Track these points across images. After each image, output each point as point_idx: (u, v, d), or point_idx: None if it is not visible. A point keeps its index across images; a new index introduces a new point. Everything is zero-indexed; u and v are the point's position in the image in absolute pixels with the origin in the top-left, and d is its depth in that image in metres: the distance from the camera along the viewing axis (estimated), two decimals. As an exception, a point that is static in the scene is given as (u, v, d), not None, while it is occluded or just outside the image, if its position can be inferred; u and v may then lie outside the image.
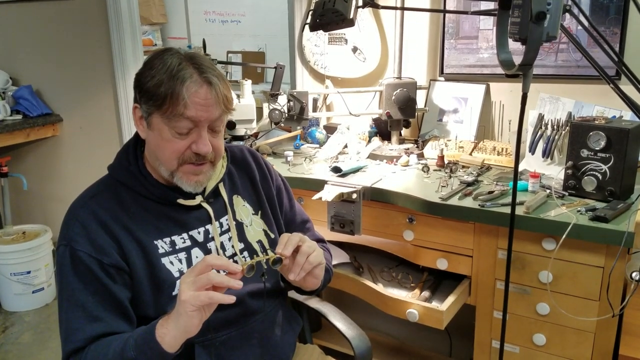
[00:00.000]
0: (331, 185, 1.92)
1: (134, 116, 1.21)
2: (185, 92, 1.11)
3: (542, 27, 1.16)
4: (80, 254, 1.14)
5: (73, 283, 1.14)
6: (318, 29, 1.90)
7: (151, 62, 1.17)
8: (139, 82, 1.17)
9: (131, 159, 1.24)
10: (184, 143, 1.16)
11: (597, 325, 1.59)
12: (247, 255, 1.32)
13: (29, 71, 3.19)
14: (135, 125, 1.22)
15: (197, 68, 1.14)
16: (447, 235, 1.80)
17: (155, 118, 1.15)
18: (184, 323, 1.05)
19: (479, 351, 1.83)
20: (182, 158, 1.18)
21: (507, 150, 2.06)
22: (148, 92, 1.14)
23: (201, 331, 1.20)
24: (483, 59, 2.25)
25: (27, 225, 3.23)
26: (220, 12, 4.68)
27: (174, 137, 1.15)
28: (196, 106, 1.13)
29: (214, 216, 1.29)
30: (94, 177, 1.29)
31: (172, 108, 1.12)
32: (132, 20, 2.81)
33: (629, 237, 1.45)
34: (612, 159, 1.63)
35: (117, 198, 1.22)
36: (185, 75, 1.12)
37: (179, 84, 1.11)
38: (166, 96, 1.12)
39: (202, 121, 1.15)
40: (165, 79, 1.12)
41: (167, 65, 1.13)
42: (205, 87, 1.13)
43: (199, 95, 1.13)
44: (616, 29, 1.98)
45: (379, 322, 2.55)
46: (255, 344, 1.30)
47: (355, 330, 1.51)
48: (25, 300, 3.06)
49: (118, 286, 1.16)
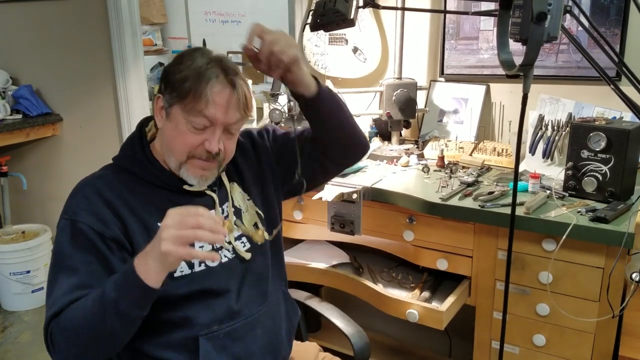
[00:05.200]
0: (331, 185, 1.92)
1: (155, 105, 1.23)
2: (209, 90, 1.15)
3: (543, 28, 1.16)
4: (81, 226, 1.14)
5: (69, 251, 1.13)
6: (318, 29, 1.90)
7: (181, 57, 1.21)
8: (166, 74, 1.21)
9: (137, 148, 1.27)
10: (197, 138, 1.19)
11: (597, 326, 1.59)
12: (246, 240, 1.33)
13: (29, 71, 3.18)
14: (154, 114, 1.25)
15: (223, 69, 1.17)
16: (447, 235, 1.80)
17: (175, 109, 1.18)
18: (168, 266, 1.03)
19: (479, 352, 1.83)
20: (192, 152, 1.20)
21: (507, 151, 2.05)
22: (173, 84, 1.17)
23: (205, 324, 1.22)
24: (483, 60, 2.25)
25: (26, 225, 3.22)
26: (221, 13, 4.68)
27: (189, 131, 1.18)
28: (216, 106, 1.16)
29: (217, 201, 1.30)
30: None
31: (194, 103, 1.15)
32: (133, 20, 2.81)
33: (629, 237, 1.45)
34: (612, 160, 1.63)
35: (122, 182, 1.24)
36: (211, 74, 1.15)
37: (204, 81, 1.15)
38: (189, 90, 1.15)
39: (218, 122, 1.17)
40: (192, 75, 1.15)
41: (196, 62, 1.16)
42: (229, 89, 1.17)
43: (221, 96, 1.16)
44: (617, 30, 1.98)
45: (379, 323, 2.55)
46: (259, 334, 1.30)
47: (354, 327, 1.51)
48: (25, 300, 3.06)
49: (116, 259, 1.15)
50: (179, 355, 1.21)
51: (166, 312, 1.20)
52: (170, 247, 0.98)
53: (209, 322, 1.23)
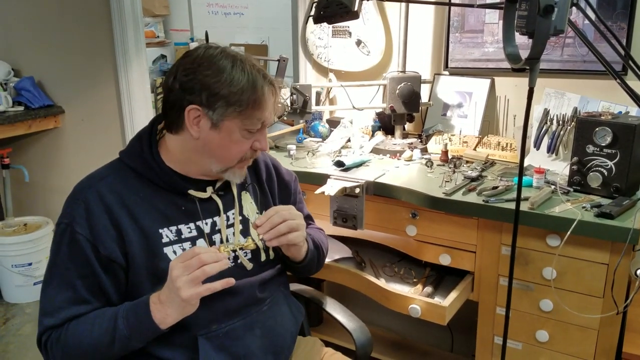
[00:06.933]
0: (334, 179, 1.91)
1: (188, 118, 1.20)
2: (264, 97, 1.22)
3: (550, 21, 1.14)
4: (78, 237, 1.17)
5: (66, 262, 1.17)
6: (322, 22, 1.88)
7: (213, 64, 1.19)
8: (207, 86, 1.18)
9: (145, 146, 1.26)
10: (248, 143, 1.25)
11: (601, 322, 1.58)
12: (249, 250, 1.33)
13: (30, 62, 3.18)
14: (188, 126, 1.21)
15: (262, 73, 1.23)
16: (451, 230, 1.79)
17: (230, 121, 1.20)
18: (189, 311, 1.13)
19: (481, 347, 1.82)
20: (244, 156, 1.27)
21: (512, 146, 2.04)
22: (227, 98, 1.18)
23: (205, 323, 1.23)
24: (488, 53, 2.23)
25: (28, 217, 3.23)
26: (223, 5, 4.66)
27: (242, 138, 1.23)
28: (270, 110, 1.25)
29: (222, 208, 1.30)
30: (95, 168, 1.28)
31: (253, 111, 1.21)
32: (135, 12, 2.80)
33: (634, 233, 1.44)
34: (618, 155, 1.61)
35: (126, 182, 1.23)
36: (258, 80, 1.21)
37: (259, 91, 1.20)
38: (249, 102, 1.19)
39: (268, 123, 1.27)
40: (247, 87, 1.19)
41: (245, 72, 1.20)
42: (272, 90, 1.25)
43: (270, 99, 1.24)
44: (623, 24, 1.96)
45: (381, 317, 2.55)
46: (258, 335, 1.30)
47: (356, 322, 1.51)
48: (26, 292, 3.07)
49: (109, 277, 1.19)
50: (179, 354, 1.22)
51: None
52: (190, 292, 1.09)
53: (208, 322, 1.24)
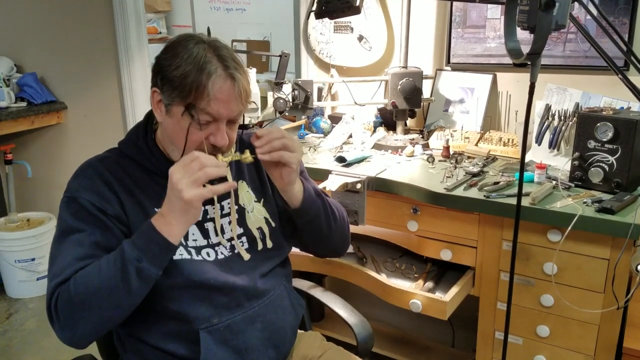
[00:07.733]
0: (335, 175, 1.91)
1: (152, 99, 1.20)
2: (211, 87, 1.12)
3: (551, 16, 1.15)
4: (83, 202, 1.17)
5: (73, 223, 1.17)
6: (324, 17, 1.89)
7: (175, 48, 1.16)
8: (161, 68, 1.16)
9: (141, 134, 1.27)
10: (201, 134, 1.17)
11: (602, 317, 1.58)
12: (246, 240, 1.33)
13: (33, 58, 3.18)
14: (152, 108, 1.22)
15: (221, 61, 1.14)
16: (452, 226, 1.79)
17: (176, 107, 1.15)
18: (192, 217, 1.09)
19: (482, 342, 1.83)
20: (199, 148, 1.17)
21: (514, 141, 2.04)
22: (172, 82, 1.13)
23: (206, 317, 1.22)
24: (490, 49, 2.23)
25: (31, 213, 3.24)
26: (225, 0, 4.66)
27: (193, 128, 1.16)
28: (218, 103, 1.13)
29: (216, 198, 1.29)
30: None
31: (197, 101, 1.13)
32: (137, 8, 2.80)
33: (635, 229, 1.44)
34: (619, 151, 1.61)
35: (123, 167, 1.25)
36: (211, 69, 1.12)
37: (205, 78, 1.11)
38: (191, 89, 1.12)
39: (222, 117, 1.16)
40: (191, 71, 1.12)
41: (193, 56, 1.12)
42: (229, 82, 1.13)
43: (222, 91, 1.13)
44: (625, 19, 1.96)
45: (382, 313, 2.55)
46: (259, 328, 1.30)
47: (357, 317, 1.51)
48: (30, 287, 3.08)
49: (118, 231, 1.18)
50: (181, 347, 1.22)
51: (160, 302, 1.20)
52: (192, 193, 1.04)
53: (209, 316, 1.23)
